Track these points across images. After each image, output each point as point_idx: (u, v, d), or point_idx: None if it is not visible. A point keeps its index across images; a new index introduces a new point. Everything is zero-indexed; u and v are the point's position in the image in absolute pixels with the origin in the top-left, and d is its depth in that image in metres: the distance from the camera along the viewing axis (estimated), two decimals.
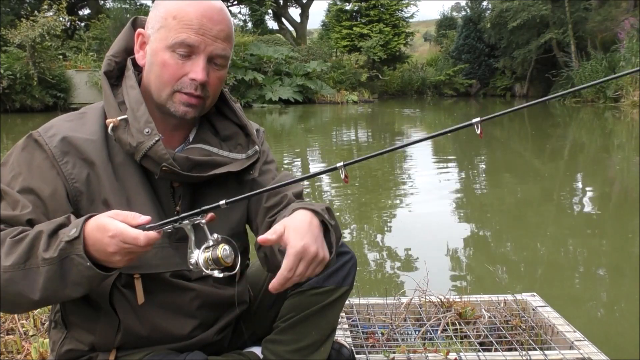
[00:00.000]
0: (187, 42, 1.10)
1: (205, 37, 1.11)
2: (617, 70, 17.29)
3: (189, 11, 1.10)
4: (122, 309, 1.17)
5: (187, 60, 1.12)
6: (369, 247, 4.04)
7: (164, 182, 1.18)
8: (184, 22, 1.10)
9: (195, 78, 1.11)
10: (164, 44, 1.12)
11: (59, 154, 1.10)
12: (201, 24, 1.10)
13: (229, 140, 1.25)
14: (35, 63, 14.91)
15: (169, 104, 1.14)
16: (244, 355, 1.36)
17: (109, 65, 1.19)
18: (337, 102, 20.86)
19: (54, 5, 15.96)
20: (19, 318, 2.00)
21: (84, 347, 1.21)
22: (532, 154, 9.02)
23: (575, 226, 4.65)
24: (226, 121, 1.28)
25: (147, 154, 1.10)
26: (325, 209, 1.12)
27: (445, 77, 25.29)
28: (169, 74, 1.12)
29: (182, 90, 1.13)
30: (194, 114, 1.16)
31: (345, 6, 26.44)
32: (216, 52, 1.13)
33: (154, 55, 1.14)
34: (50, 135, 1.12)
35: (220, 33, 1.12)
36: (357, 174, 7.14)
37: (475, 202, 5.61)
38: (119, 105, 1.15)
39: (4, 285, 1.00)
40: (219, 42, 1.13)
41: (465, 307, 2.01)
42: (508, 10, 21.40)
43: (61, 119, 1.17)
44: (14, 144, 1.18)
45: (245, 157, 1.23)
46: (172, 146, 1.20)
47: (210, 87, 1.15)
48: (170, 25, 1.11)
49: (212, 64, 1.14)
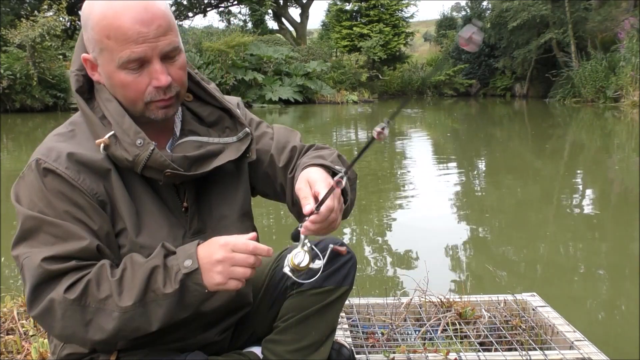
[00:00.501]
0: (133, 58, 1.06)
1: (147, 43, 1.06)
2: (617, 70, 17.28)
3: (120, 24, 1.05)
4: None
5: (142, 70, 1.09)
6: (369, 247, 4.04)
7: (166, 184, 1.18)
8: (121, 39, 1.05)
9: (159, 85, 1.09)
10: (112, 65, 1.08)
11: (74, 174, 1.09)
12: (137, 33, 1.05)
13: (215, 126, 1.25)
14: (35, 63, 14.89)
15: (148, 113, 1.13)
16: (244, 355, 1.36)
17: (78, 82, 1.16)
18: (337, 102, 20.83)
19: (54, 5, 15.95)
20: (19, 318, 2.00)
21: (84, 349, 1.20)
22: (532, 154, 9.01)
23: (575, 226, 4.65)
24: (207, 106, 1.26)
25: (147, 164, 1.10)
26: (336, 157, 1.24)
27: (445, 77, 25.27)
28: (133, 92, 1.10)
29: (153, 100, 1.11)
30: (174, 111, 1.16)
31: (345, 6, 26.41)
32: (165, 50, 1.09)
33: (110, 79, 1.11)
34: (54, 159, 1.09)
35: (159, 30, 1.07)
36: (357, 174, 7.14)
37: (475, 202, 5.61)
38: (100, 120, 1.13)
39: (124, 324, 1.03)
40: (162, 39, 1.08)
41: (465, 307, 2.01)
42: (508, 10, 21.37)
43: (53, 140, 1.14)
44: (14, 144, 1.17)
45: (237, 140, 1.23)
46: (161, 145, 1.19)
47: (176, 81, 1.13)
48: (109, 46, 1.07)
49: (166, 60, 1.11)
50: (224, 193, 1.25)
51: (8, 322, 1.99)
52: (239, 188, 1.28)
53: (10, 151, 8.55)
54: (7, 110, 14.77)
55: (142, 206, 1.15)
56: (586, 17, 20.17)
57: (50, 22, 15.14)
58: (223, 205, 1.25)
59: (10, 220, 4.03)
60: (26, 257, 1.06)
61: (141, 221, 1.14)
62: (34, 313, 1.06)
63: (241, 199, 1.29)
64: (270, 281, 1.44)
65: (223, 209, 1.25)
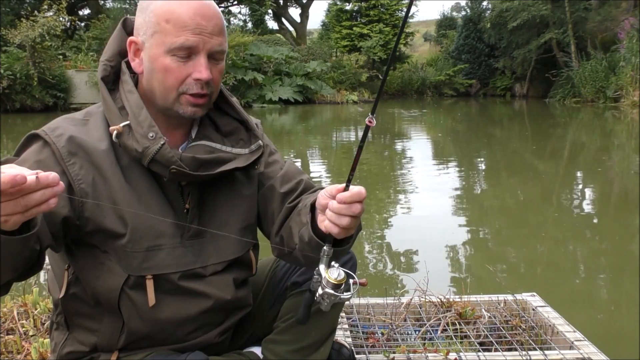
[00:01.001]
0: (186, 45, 1.09)
1: (203, 36, 1.10)
2: (617, 70, 17.29)
3: (181, 12, 1.09)
4: (128, 310, 1.16)
5: (188, 60, 1.11)
6: (369, 247, 4.04)
7: (172, 182, 1.18)
8: (179, 25, 1.09)
9: (200, 78, 1.11)
10: (161, 49, 1.11)
11: (66, 154, 1.09)
12: (196, 24, 1.10)
13: (230, 136, 1.26)
14: (35, 63, 14.90)
15: (177, 107, 1.14)
16: (244, 355, 1.36)
17: (105, 71, 1.18)
18: (337, 102, 20.85)
19: (54, 5, 15.95)
20: (19, 318, 2.00)
21: (85, 348, 1.21)
22: (532, 154, 9.01)
23: (575, 226, 4.65)
24: (226, 117, 1.28)
25: (155, 158, 1.10)
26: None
27: (445, 77, 25.29)
28: (173, 78, 1.12)
29: (188, 92, 1.13)
30: (203, 113, 1.17)
31: (345, 6, 26.43)
32: (215, 49, 1.13)
33: (153, 62, 1.13)
34: (57, 135, 1.10)
35: (215, 28, 1.12)
36: (357, 174, 7.14)
37: (475, 202, 5.61)
38: (119, 110, 1.14)
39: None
40: (216, 38, 1.12)
41: (465, 307, 2.01)
42: (508, 10, 21.39)
43: (65, 121, 1.15)
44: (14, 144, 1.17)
45: (249, 152, 1.23)
46: (176, 145, 1.20)
47: (214, 83, 1.15)
48: (165, 29, 1.10)
49: (212, 59, 1.14)
50: (228, 201, 1.25)
51: (8, 322, 1.99)
52: (244, 199, 1.28)
53: (10, 151, 8.57)
54: (7, 110, 14.77)
55: (146, 200, 1.15)
56: (586, 17, 20.19)
57: (50, 22, 15.15)
58: (226, 213, 1.24)
59: None
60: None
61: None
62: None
63: (245, 211, 1.28)
64: (270, 281, 1.44)
65: (225, 215, 1.24)
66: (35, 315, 2.02)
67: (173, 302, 1.19)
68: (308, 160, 8.39)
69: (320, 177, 6.93)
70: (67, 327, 1.23)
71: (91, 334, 1.20)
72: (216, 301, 1.22)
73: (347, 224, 1.01)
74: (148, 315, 1.17)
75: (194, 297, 1.20)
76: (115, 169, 1.13)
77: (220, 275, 1.22)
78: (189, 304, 1.20)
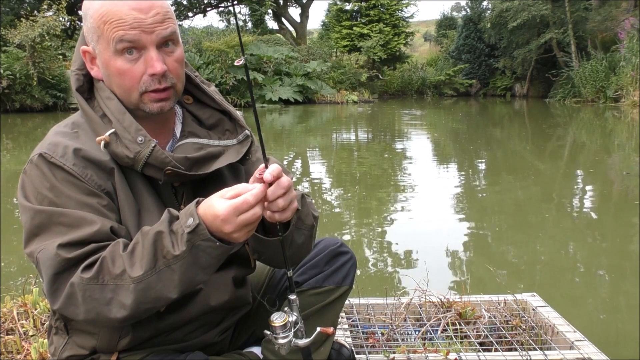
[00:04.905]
0: (126, 39, 1.07)
1: (142, 29, 1.08)
2: (617, 70, 17.28)
3: (117, 10, 1.07)
4: None
5: (139, 58, 1.10)
6: (368, 247, 4.04)
7: (166, 184, 1.18)
8: (116, 23, 1.07)
9: (155, 72, 1.09)
10: (109, 52, 1.09)
11: (80, 171, 1.08)
12: (133, 18, 1.07)
13: (215, 128, 1.25)
14: (35, 63, 14.88)
15: (142, 106, 1.13)
16: (244, 355, 1.36)
17: (78, 81, 1.17)
18: (337, 102, 20.83)
19: (54, 5, 15.95)
20: (18, 318, 2.00)
21: (84, 351, 1.20)
22: (532, 154, 9.01)
23: (576, 226, 4.65)
24: (207, 109, 1.26)
25: (148, 161, 1.09)
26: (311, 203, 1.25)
27: (446, 77, 25.27)
28: (129, 80, 1.10)
29: (148, 90, 1.11)
30: (170, 105, 1.15)
31: (345, 6, 26.41)
32: (162, 35, 1.10)
33: (107, 67, 1.11)
34: (61, 155, 1.08)
35: (157, 18, 1.09)
36: (357, 174, 7.15)
37: (475, 202, 5.61)
38: (101, 119, 1.13)
39: (141, 295, 1.01)
40: (159, 27, 1.09)
41: (465, 307, 2.01)
42: (508, 10, 21.38)
43: (57, 136, 1.13)
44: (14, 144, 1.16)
45: (237, 142, 1.22)
46: (162, 146, 1.19)
47: (172, 72, 1.12)
48: (106, 31, 1.08)
49: (164, 49, 1.11)
50: None
51: (8, 322, 1.99)
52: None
53: (10, 151, 8.57)
54: (7, 110, 14.76)
55: (143, 205, 1.15)
56: (586, 17, 20.18)
57: (50, 22, 15.14)
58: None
59: (10, 220, 4.04)
60: (40, 250, 1.04)
61: (142, 220, 1.13)
62: (57, 305, 1.04)
63: None
64: (270, 281, 1.45)
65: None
66: (35, 316, 2.02)
67: (172, 302, 1.18)
68: (308, 160, 8.39)
69: (320, 177, 6.94)
70: (66, 332, 1.23)
71: (91, 337, 1.19)
72: (216, 300, 1.22)
73: (282, 206, 1.04)
74: (147, 317, 1.16)
75: (193, 297, 1.20)
76: (119, 177, 1.12)
77: (220, 274, 1.22)
78: (188, 304, 1.20)
